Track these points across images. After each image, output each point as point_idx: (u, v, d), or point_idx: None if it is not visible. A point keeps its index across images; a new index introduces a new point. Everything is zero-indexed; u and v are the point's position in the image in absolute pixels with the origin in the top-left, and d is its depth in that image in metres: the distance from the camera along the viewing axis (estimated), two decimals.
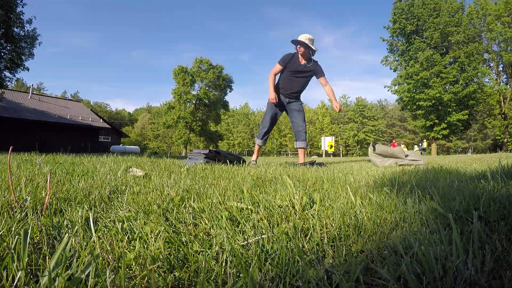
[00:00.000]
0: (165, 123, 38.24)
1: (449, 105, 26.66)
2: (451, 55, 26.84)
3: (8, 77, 15.52)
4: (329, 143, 24.03)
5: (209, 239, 0.80)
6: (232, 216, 1.01)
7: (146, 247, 0.71)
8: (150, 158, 4.72)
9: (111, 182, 1.64)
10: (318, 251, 0.74)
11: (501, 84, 30.83)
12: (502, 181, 1.58)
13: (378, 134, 51.28)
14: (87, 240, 0.77)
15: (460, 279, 0.57)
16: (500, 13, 27.91)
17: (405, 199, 1.20)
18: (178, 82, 38.35)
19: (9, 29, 14.37)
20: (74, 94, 70.40)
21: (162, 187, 1.49)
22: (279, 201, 1.16)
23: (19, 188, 1.29)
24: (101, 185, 1.51)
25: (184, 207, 1.10)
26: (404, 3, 28.45)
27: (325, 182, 1.76)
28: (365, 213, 1.00)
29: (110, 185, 1.54)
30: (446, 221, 0.91)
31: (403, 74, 28.02)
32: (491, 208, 0.98)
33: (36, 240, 0.77)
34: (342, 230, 0.84)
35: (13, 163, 2.45)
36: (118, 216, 0.97)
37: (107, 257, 0.68)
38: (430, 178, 1.95)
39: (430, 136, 28.30)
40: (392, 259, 0.66)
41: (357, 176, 2.09)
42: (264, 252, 0.69)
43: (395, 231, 0.86)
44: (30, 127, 21.06)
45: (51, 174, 1.79)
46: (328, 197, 1.28)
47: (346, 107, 55.13)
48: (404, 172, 2.47)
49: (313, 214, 1.03)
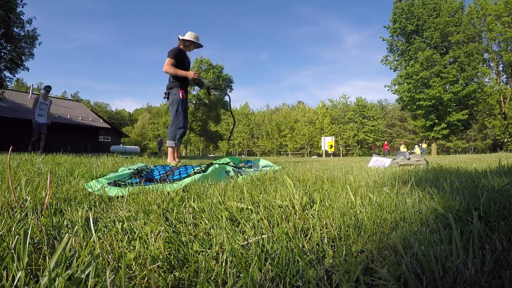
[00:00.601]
0: (165, 123, 38.24)
1: (449, 105, 26.67)
2: (451, 55, 26.85)
3: (8, 77, 15.53)
4: (329, 143, 24.05)
5: (209, 239, 0.80)
6: (232, 216, 1.01)
7: (146, 247, 0.71)
8: (150, 158, 4.73)
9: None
10: (318, 251, 0.74)
11: (501, 84, 30.83)
12: (502, 181, 1.58)
13: (378, 134, 51.26)
14: (87, 240, 0.77)
15: (460, 279, 0.57)
16: (500, 13, 27.91)
17: (405, 199, 1.20)
18: None
19: (9, 29, 14.37)
20: (74, 94, 70.44)
21: (162, 187, 1.49)
22: (279, 201, 1.16)
23: (19, 188, 1.29)
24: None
25: (184, 207, 1.10)
26: (404, 3, 28.47)
27: (325, 182, 1.75)
28: (365, 213, 1.00)
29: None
30: (446, 221, 0.91)
31: (403, 74, 28.04)
32: (491, 208, 0.98)
33: (36, 240, 0.77)
34: (342, 230, 0.84)
35: (13, 163, 2.45)
36: (118, 216, 0.97)
37: (107, 257, 0.68)
38: (430, 178, 1.95)
39: (430, 136, 28.30)
40: (392, 259, 0.66)
41: (357, 176, 2.09)
42: (264, 252, 0.69)
43: (395, 231, 0.86)
44: (30, 127, 21.04)
45: (51, 174, 1.79)
46: (328, 197, 1.28)
47: (346, 107, 55.13)
48: (404, 172, 2.47)
49: (313, 214, 1.03)
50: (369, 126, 50.64)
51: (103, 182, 1.49)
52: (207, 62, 38.55)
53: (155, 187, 1.46)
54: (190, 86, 4.26)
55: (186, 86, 4.25)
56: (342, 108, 55.57)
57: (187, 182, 1.57)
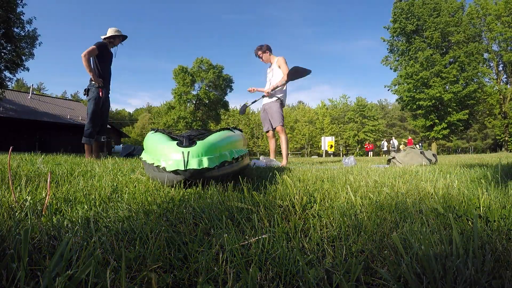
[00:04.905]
0: (166, 123, 38.26)
1: (449, 105, 26.65)
2: (451, 54, 26.83)
3: (8, 77, 15.55)
4: (329, 143, 24.03)
5: (209, 239, 0.80)
6: (232, 216, 1.01)
7: (146, 247, 0.71)
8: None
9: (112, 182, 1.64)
10: (318, 251, 0.74)
11: (501, 84, 30.82)
12: (502, 181, 1.58)
13: (378, 134, 51.23)
14: (87, 240, 0.77)
15: (460, 279, 0.57)
16: (500, 12, 27.90)
17: (405, 199, 1.20)
18: (178, 82, 38.38)
19: (9, 29, 14.38)
20: (74, 94, 70.41)
21: (162, 186, 1.48)
22: (279, 201, 1.16)
23: (19, 188, 1.29)
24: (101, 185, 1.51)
25: (184, 207, 1.10)
26: (404, 2, 28.45)
27: (325, 182, 1.75)
28: (365, 213, 1.00)
29: (109, 185, 1.54)
30: (446, 221, 0.91)
31: (403, 74, 28.01)
32: (491, 208, 0.98)
33: (36, 240, 0.77)
34: (342, 230, 0.84)
35: (13, 163, 2.45)
36: (118, 216, 0.97)
37: (107, 257, 0.68)
38: (430, 178, 1.95)
39: (430, 136, 28.29)
40: (392, 259, 0.66)
41: (357, 176, 2.09)
42: (264, 252, 0.69)
43: (395, 231, 0.86)
44: (30, 127, 21.06)
45: (51, 174, 1.79)
46: (328, 197, 1.28)
47: (346, 107, 55.11)
48: (404, 172, 2.47)
49: (313, 214, 1.03)
50: (369, 126, 50.62)
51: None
52: (207, 62, 38.55)
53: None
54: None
55: (107, 84, 4.21)
56: (342, 108, 55.55)
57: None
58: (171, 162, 1.33)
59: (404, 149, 4.20)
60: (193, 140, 1.45)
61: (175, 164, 1.32)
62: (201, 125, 38.36)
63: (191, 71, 38.61)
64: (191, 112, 37.85)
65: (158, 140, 1.60)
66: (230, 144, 1.72)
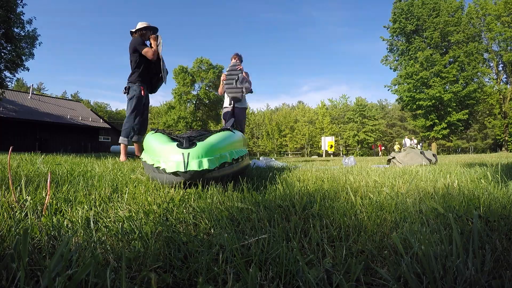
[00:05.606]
0: (165, 123, 38.27)
1: (449, 105, 26.66)
2: (451, 54, 26.84)
3: (8, 77, 15.54)
4: (329, 143, 24.03)
5: (209, 239, 0.80)
6: (232, 216, 1.01)
7: (146, 247, 0.71)
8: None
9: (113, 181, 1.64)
10: (318, 251, 0.74)
11: (501, 84, 30.82)
12: (502, 181, 1.58)
13: (378, 134, 51.23)
14: (87, 240, 0.77)
15: (460, 279, 0.57)
16: (500, 12, 27.90)
17: (405, 199, 1.20)
18: (179, 82, 38.40)
19: (9, 29, 14.38)
20: (74, 94, 70.40)
21: (162, 186, 1.48)
22: (279, 201, 1.16)
23: (19, 188, 1.29)
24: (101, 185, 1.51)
25: (184, 207, 1.10)
26: (404, 2, 28.47)
27: (325, 182, 1.75)
28: (365, 213, 1.00)
29: (110, 185, 1.54)
30: (446, 221, 0.91)
31: (403, 74, 28.03)
32: (491, 208, 0.98)
33: (36, 240, 0.77)
34: (342, 230, 0.84)
35: (13, 163, 2.45)
36: (118, 216, 0.97)
37: (107, 257, 0.68)
38: (430, 178, 1.95)
39: (430, 136, 28.30)
40: (392, 259, 0.66)
41: (357, 176, 2.09)
42: (264, 252, 0.69)
43: (395, 231, 0.86)
44: (30, 127, 21.06)
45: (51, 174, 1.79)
46: (328, 197, 1.28)
47: (346, 107, 55.12)
48: (404, 172, 2.47)
49: (313, 214, 1.03)
50: (369, 126, 50.61)
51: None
52: (207, 62, 38.56)
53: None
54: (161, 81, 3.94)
55: (148, 81, 4.02)
56: (342, 108, 55.55)
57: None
58: (171, 163, 1.33)
59: (404, 149, 4.21)
60: (193, 141, 1.45)
61: (175, 165, 1.32)
62: (201, 125, 38.38)
63: (191, 71, 38.63)
64: (191, 112, 37.87)
65: (158, 141, 1.60)
66: (230, 145, 1.72)
